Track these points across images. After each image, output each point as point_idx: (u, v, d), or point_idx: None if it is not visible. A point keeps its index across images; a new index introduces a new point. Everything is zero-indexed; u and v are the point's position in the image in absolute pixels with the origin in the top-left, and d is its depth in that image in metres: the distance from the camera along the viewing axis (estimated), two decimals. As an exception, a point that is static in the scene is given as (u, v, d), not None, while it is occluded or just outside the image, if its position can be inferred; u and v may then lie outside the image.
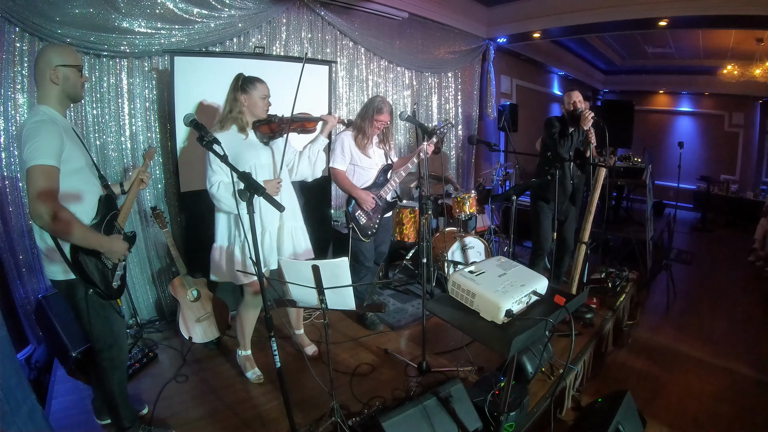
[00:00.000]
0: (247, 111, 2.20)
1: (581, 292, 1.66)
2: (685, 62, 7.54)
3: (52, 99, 1.57)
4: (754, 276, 4.91)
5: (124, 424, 1.90)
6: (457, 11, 4.97)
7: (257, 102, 2.19)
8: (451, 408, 1.93)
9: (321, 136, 2.43)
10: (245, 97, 2.17)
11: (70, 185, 1.54)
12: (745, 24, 4.32)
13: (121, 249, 1.66)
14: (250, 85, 2.18)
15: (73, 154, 1.56)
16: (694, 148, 8.75)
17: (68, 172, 1.52)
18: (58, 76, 1.54)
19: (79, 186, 1.59)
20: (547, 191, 3.09)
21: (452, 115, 5.44)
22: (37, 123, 1.47)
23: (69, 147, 1.53)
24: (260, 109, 2.22)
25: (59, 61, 1.53)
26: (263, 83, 2.22)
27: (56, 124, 1.51)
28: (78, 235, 1.49)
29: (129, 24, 2.72)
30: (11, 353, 1.52)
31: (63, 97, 1.59)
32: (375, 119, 2.76)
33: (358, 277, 2.96)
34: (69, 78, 1.56)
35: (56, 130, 1.49)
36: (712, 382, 2.77)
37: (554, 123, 3.15)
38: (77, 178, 1.59)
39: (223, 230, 2.27)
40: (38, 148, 1.42)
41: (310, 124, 2.42)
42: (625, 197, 6.91)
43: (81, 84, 1.63)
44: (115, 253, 1.64)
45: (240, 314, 2.44)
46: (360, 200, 2.84)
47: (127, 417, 1.91)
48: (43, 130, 1.46)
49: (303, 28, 3.71)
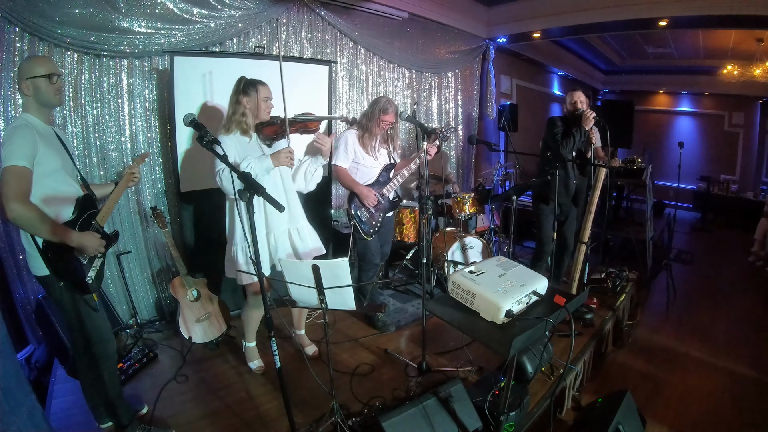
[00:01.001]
0: (250, 113, 2.20)
1: (581, 292, 1.66)
2: (685, 62, 7.54)
3: (31, 108, 1.68)
4: (754, 276, 4.91)
5: (122, 421, 1.92)
6: (457, 11, 4.97)
7: (259, 104, 2.20)
8: (451, 408, 1.93)
9: (320, 157, 2.39)
10: (247, 99, 2.18)
11: (45, 186, 1.64)
12: (745, 24, 4.32)
13: (92, 244, 1.70)
14: (252, 87, 2.19)
15: (47, 157, 1.64)
16: (694, 148, 8.75)
17: (42, 173, 1.62)
18: (29, 87, 1.64)
19: (54, 187, 1.67)
20: (549, 191, 3.08)
21: (452, 115, 5.44)
22: (13, 128, 1.61)
23: (42, 150, 1.62)
24: (262, 111, 2.23)
25: (28, 74, 1.64)
26: (265, 85, 2.23)
27: (30, 129, 1.61)
28: (45, 230, 1.57)
29: (129, 24, 2.72)
30: (11, 353, 1.53)
31: (39, 106, 1.69)
32: (381, 119, 2.77)
33: (366, 276, 2.97)
34: (40, 88, 1.66)
35: (30, 134, 1.59)
36: (712, 382, 2.77)
37: (557, 123, 3.13)
38: (52, 179, 1.67)
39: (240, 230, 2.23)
40: (11, 151, 1.53)
41: (312, 124, 2.41)
42: (625, 197, 6.92)
43: (55, 90, 1.70)
44: (86, 248, 1.69)
45: (244, 314, 2.47)
46: (361, 196, 2.83)
47: (123, 414, 1.93)
48: (17, 135, 1.57)
49: (303, 28, 3.72)
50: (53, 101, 1.71)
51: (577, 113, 3.00)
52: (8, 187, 1.50)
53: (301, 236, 2.39)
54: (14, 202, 1.49)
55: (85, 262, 1.74)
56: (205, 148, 1.65)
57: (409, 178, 3.03)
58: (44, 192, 1.63)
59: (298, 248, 2.36)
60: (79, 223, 1.72)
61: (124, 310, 3.02)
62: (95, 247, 1.72)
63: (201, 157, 2.74)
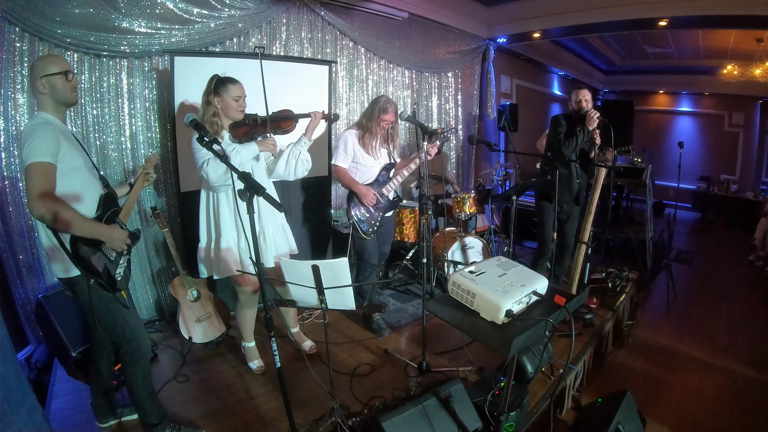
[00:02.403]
0: (222, 114, 2.15)
1: (581, 292, 1.66)
2: (685, 62, 7.54)
3: (48, 106, 1.66)
4: (754, 276, 4.91)
5: (152, 420, 1.91)
6: (457, 11, 4.97)
7: (230, 104, 2.13)
8: (451, 408, 1.93)
9: (303, 137, 2.35)
10: (218, 99, 2.12)
11: (69, 183, 1.62)
12: (745, 24, 4.32)
13: (121, 236, 1.71)
14: (222, 86, 2.12)
15: (70, 154, 1.62)
16: (694, 148, 8.75)
17: (66, 170, 1.60)
18: (44, 85, 1.63)
19: (78, 183, 1.66)
20: (551, 190, 3.08)
21: (452, 115, 5.44)
22: (34, 125, 1.58)
23: (65, 147, 1.60)
24: (234, 111, 2.15)
25: (43, 72, 1.62)
26: (236, 83, 2.15)
27: (52, 125, 1.59)
28: (77, 224, 1.55)
29: (129, 24, 2.72)
30: (11, 353, 1.53)
31: (55, 104, 1.67)
32: (381, 119, 2.76)
33: (363, 275, 2.96)
34: (55, 85, 1.64)
35: (52, 131, 1.57)
36: (712, 382, 2.77)
37: (561, 122, 3.11)
38: (76, 176, 1.65)
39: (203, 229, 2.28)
40: (35, 147, 1.50)
41: (286, 123, 2.34)
42: (625, 197, 6.91)
43: (71, 87, 1.69)
44: (115, 240, 1.69)
45: (237, 314, 2.47)
46: (360, 195, 2.83)
47: (154, 413, 1.92)
48: (39, 131, 1.55)
49: (303, 28, 3.71)
50: (70, 98, 1.70)
51: (581, 112, 2.99)
52: (34, 183, 1.48)
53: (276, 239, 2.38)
54: (41, 199, 1.47)
55: (112, 259, 1.73)
56: (205, 148, 1.65)
57: (409, 178, 3.03)
58: (68, 189, 1.61)
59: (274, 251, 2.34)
60: (103, 220, 1.71)
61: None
62: (123, 240, 1.72)
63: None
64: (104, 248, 1.69)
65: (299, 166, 2.37)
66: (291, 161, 2.35)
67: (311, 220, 3.69)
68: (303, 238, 3.61)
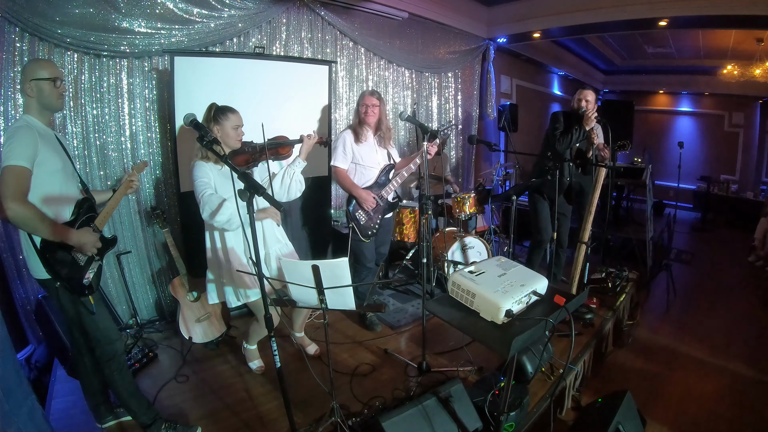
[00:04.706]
0: (221, 142, 2.16)
1: (581, 292, 1.66)
2: (685, 62, 7.53)
3: (33, 109, 1.69)
4: (754, 276, 4.91)
5: (143, 420, 1.92)
6: (457, 11, 4.97)
7: (229, 132, 2.15)
8: (451, 408, 1.93)
9: (298, 158, 2.37)
10: (218, 127, 2.14)
11: (46, 186, 1.65)
12: (745, 24, 4.32)
13: (89, 241, 1.71)
14: (222, 115, 2.14)
15: (48, 158, 1.64)
16: (694, 148, 8.75)
17: (43, 173, 1.63)
18: (32, 89, 1.65)
19: (55, 187, 1.69)
20: (544, 188, 3.10)
21: (452, 115, 5.44)
22: (14, 129, 1.62)
23: (44, 151, 1.62)
24: (233, 140, 2.18)
25: (32, 75, 1.64)
26: (235, 113, 2.18)
27: (32, 129, 1.62)
28: (44, 229, 1.58)
29: (129, 24, 2.72)
30: (11, 353, 1.54)
31: (41, 108, 1.70)
32: (361, 105, 2.80)
33: (359, 277, 2.96)
34: (43, 90, 1.66)
35: (30, 135, 1.59)
36: (712, 382, 2.77)
37: (559, 119, 3.14)
38: (54, 180, 1.68)
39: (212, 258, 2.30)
40: (12, 150, 1.54)
41: (283, 149, 2.40)
42: (625, 197, 6.91)
43: (58, 94, 1.71)
44: (84, 245, 1.70)
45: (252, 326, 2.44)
46: (360, 200, 2.83)
47: (143, 413, 1.92)
48: (18, 135, 1.58)
49: (303, 28, 3.71)
50: (55, 105, 1.72)
51: (580, 111, 3.01)
52: (6, 186, 1.51)
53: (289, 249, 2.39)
54: (12, 202, 1.50)
55: (82, 264, 1.74)
56: (206, 148, 1.65)
57: (409, 178, 3.03)
58: (45, 192, 1.64)
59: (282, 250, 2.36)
60: (77, 224, 1.73)
61: (124, 310, 3.02)
62: (92, 243, 1.73)
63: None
64: (74, 252, 1.71)
65: (293, 187, 2.37)
66: (286, 180, 2.36)
67: (311, 220, 3.68)
68: (302, 239, 3.61)
